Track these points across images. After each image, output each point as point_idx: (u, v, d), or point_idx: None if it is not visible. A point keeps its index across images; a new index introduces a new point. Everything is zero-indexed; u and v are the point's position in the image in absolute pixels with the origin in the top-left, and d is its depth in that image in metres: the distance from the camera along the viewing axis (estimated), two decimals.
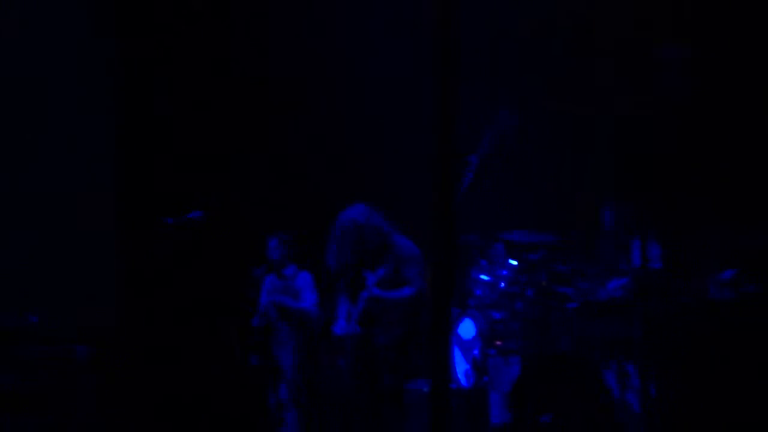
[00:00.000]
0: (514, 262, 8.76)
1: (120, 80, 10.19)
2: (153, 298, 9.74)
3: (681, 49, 7.31)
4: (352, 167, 10.24)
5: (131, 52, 10.23)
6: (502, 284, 8.78)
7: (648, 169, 7.54)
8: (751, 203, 7.60)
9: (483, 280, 8.91)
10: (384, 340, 7.57)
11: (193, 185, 9.73)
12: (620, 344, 7.33)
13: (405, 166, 9.67)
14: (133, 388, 9.22)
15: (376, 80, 9.98)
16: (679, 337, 6.65)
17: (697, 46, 7.58)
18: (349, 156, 10.31)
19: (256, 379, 8.75)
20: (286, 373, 8.44)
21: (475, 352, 8.61)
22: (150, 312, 9.75)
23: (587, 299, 7.84)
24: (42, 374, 8.22)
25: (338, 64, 10.21)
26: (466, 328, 8.79)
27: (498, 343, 8.53)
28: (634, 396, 7.19)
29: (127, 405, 9.01)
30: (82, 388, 8.30)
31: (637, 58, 8.28)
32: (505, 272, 8.79)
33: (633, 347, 7.17)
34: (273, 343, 8.56)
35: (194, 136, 10.19)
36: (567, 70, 9.37)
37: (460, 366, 8.77)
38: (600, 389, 7.02)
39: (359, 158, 10.29)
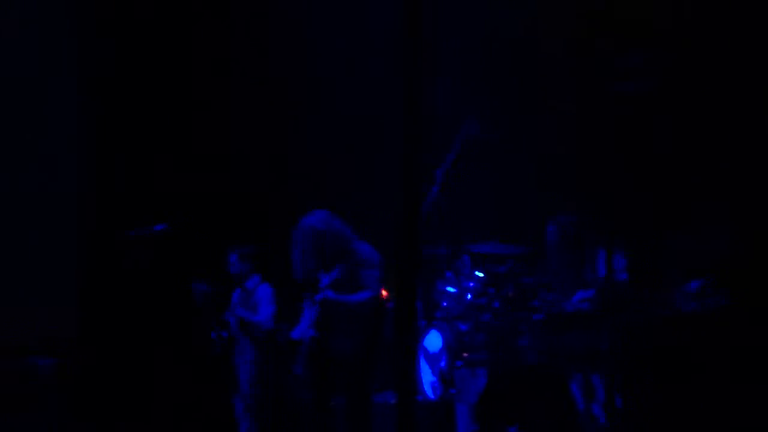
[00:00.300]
0: (481, 274, 8.76)
1: (83, 88, 10.11)
2: (115, 309, 9.68)
3: (636, 57, 7.33)
4: (318, 178, 10.22)
5: (90, 63, 10.16)
6: (469, 296, 8.78)
7: (611, 179, 7.55)
8: (714, 210, 7.63)
9: (449, 291, 8.90)
10: (340, 346, 7.54)
11: (157, 197, 9.67)
12: (586, 356, 7.32)
13: (370, 178, 9.68)
14: (95, 399, 9.15)
15: (343, 90, 9.97)
16: (646, 349, 6.65)
17: (651, 53, 7.61)
18: (315, 167, 10.29)
19: (216, 391, 8.73)
20: (242, 384, 8.46)
21: (442, 364, 8.60)
22: (112, 323, 9.68)
23: (553, 311, 7.83)
24: (5, 387, 8.17)
25: (308, 75, 10.20)
26: (433, 340, 8.78)
27: (465, 355, 8.52)
28: (599, 408, 7.19)
29: (90, 416, 8.94)
30: (45, 400, 8.25)
31: (594, 67, 8.31)
32: (471, 284, 8.79)
33: (599, 359, 7.16)
34: (234, 355, 8.57)
35: (157, 148, 10.13)
36: (528, 82, 9.40)
37: (427, 378, 8.76)
38: (566, 401, 7.02)
39: (324, 169, 10.27)
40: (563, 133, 9.11)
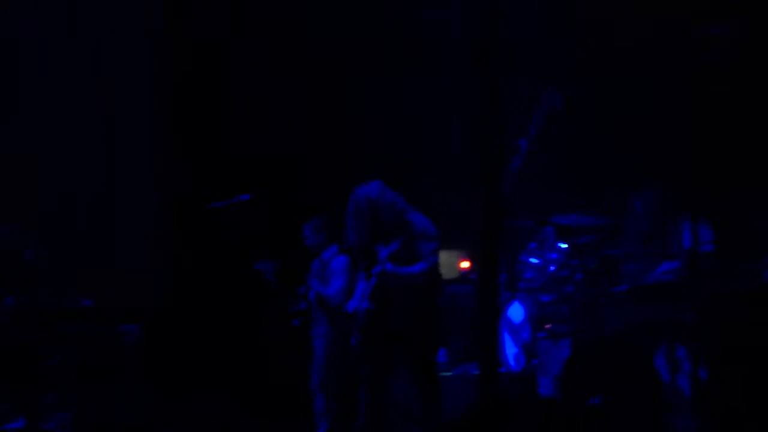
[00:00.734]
0: (564, 246, 8.74)
1: (164, 63, 10.27)
2: (200, 279, 9.82)
3: (722, 28, 7.23)
4: (391, 150, 10.25)
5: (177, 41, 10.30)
6: (552, 267, 8.77)
7: (697, 151, 7.47)
8: None
9: (533, 263, 8.90)
10: (396, 319, 7.49)
11: (237, 172, 9.77)
12: (671, 327, 7.29)
13: (448, 148, 9.69)
14: (176, 368, 9.30)
15: (425, 57, 9.99)
16: (731, 321, 6.59)
17: (739, 24, 7.50)
18: (390, 140, 10.33)
19: (294, 364, 8.76)
20: (317, 358, 8.43)
21: (525, 335, 8.61)
22: (197, 293, 9.83)
23: (637, 283, 7.79)
24: (96, 350, 8.36)
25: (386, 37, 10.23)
26: (516, 312, 8.79)
27: (547, 326, 8.52)
28: (684, 379, 7.15)
29: (169, 384, 9.09)
30: (131, 363, 8.42)
31: (678, 38, 8.21)
32: (554, 255, 8.78)
33: (683, 331, 7.12)
34: (311, 328, 8.54)
35: (236, 117, 10.25)
36: (610, 51, 9.33)
37: (510, 349, 8.78)
38: (650, 372, 6.99)
39: (401, 140, 10.31)
40: (645, 104, 9.03)
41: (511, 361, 8.72)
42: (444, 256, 11.19)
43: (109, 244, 9.83)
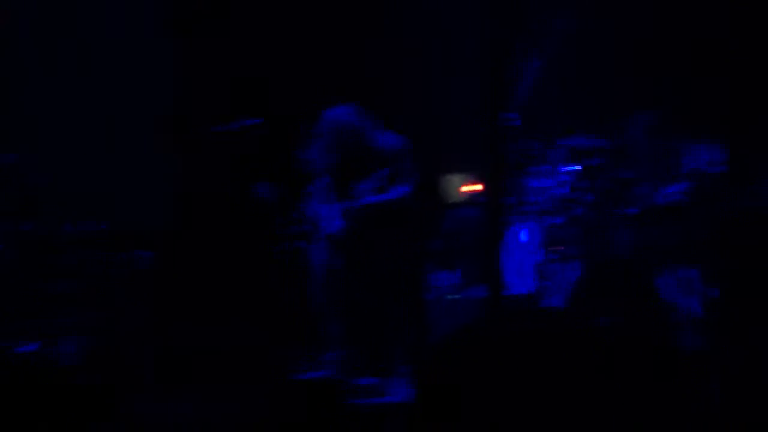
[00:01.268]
0: (574, 168, 8.70)
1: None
2: (207, 204, 9.82)
3: None
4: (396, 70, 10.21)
5: None
6: (561, 190, 8.73)
7: (708, 70, 7.41)
8: None
9: (542, 186, 8.86)
10: (382, 240, 7.50)
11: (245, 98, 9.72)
12: (682, 249, 7.28)
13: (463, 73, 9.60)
14: (182, 294, 9.32)
15: None
16: (741, 240, 6.58)
17: None
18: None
19: (296, 283, 8.71)
20: (317, 279, 8.41)
21: (535, 257, 8.60)
22: (204, 217, 9.83)
23: (647, 204, 7.77)
24: (110, 275, 8.40)
25: None
26: (526, 234, 8.76)
27: (558, 248, 8.51)
28: (695, 300, 7.15)
29: (178, 303, 9.13)
30: (143, 287, 8.46)
31: None
32: (564, 178, 8.74)
33: (694, 252, 7.11)
34: (312, 250, 8.49)
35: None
36: None
37: (520, 272, 8.77)
38: (660, 294, 6.99)
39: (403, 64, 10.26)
40: (661, 23, 8.94)
41: (521, 284, 8.71)
42: (452, 179, 11.23)
43: (115, 168, 9.83)
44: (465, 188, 11.10)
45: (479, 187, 10.90)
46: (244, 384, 7.27)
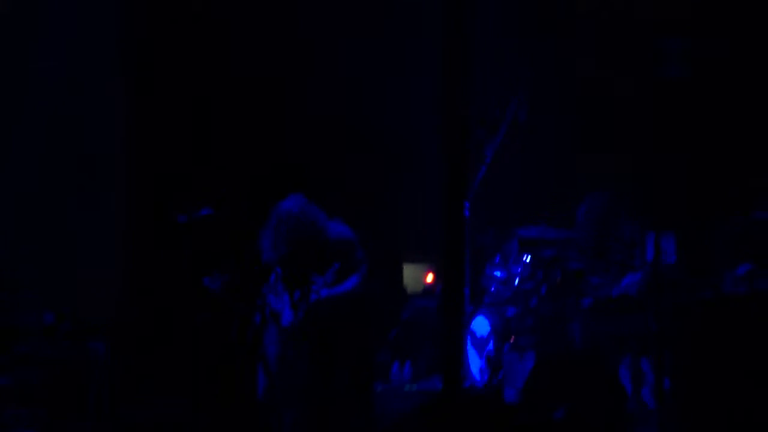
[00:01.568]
0: (529, 259, 8.76)
1: (128, 80, 10.20)
2: (161, 295, 9.76)
3: (681, 41, 7.30)
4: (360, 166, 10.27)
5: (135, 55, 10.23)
6: (517, 281, 8.78)
7: (659, 163, 7.53)
8: (762, 194, 7.59)
9: (497, 276, 8.91)
10: (331, 328, 7.56)
11: (196, 186, 9.71)
12: (635, 340, 7.32)
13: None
14: (141, 380, 9.24)
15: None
16: (693, 332, 6.63)
17: (696, 37, 7.59)
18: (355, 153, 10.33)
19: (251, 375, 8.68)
20: (270, 369, 8.38)
21: (490, 348, 8.62)
22: (158, 308, 9.77)
23: (601, 295, 7.83)
24: (59, 369, 8.29)
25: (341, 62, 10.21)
26: (481, 325, 8.79)
27: (512, 339, 8.53)
28: (648, 391, 7.19)
29: (136, 395, 9.03)
30: (97, 380, 8.36)
31: (639, 50, 8.28)
32: (519, 269, 8.80)
33: (647, 342, 7.16)
34: (265, 341, 8.46)
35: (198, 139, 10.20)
36: (573, 64, 9.39)
37: (475, 362, 8.78)
38: (614, 385, 7.01)
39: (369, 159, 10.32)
40: (609, 115, 9.09)
41: (476, 375, 8.71)
42: (410, 270, 11.28)
43: (68, 256, 9.75)
44: (424, 278, 11.15)
45: (433, 276, 10.95)
46: None
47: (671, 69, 7.33)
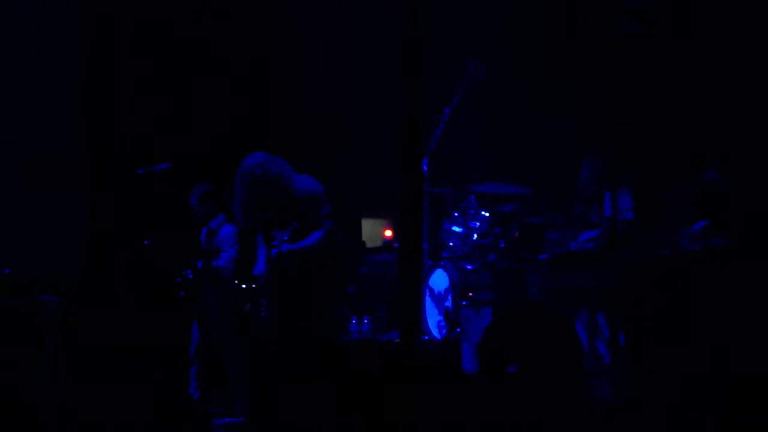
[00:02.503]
0: (487, 214, 8.79)
1: (85, 40, 10.13)
2: (116, 251, 9.73)
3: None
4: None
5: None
6: (475, 236, 8.82)
7: (617, 120, 7.54)
8: (719, 152, 7.63)
9: (455, 231, 8.94)
10: (301, 287, 7.59)
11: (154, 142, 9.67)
12: (591, 295, 7.37)
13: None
14: (91, 333, 9.23)
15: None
16: (649, 288, 6.69)
17: None
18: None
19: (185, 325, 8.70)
20: (209, 324, 8.41)
21: (448, 303, 8.66)
22: (113, 265, 9.74)
23: (558, 251, 7.87)
24: (10, 321, 8.27)
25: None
26: (439, 280, 8.83)
27: (470, 294, 8.58)
28: (604, 346, 7.25)
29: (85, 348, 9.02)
30: (50, 335, 8.34)
31: (602, 8, 8.30)
32: (477, 224, 8.83)
33: (604, 298, 7.21)
34: (199, 293, 8.45)
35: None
36: (533, 23, 9.40)
37: (433, 317, 8.82)
38: (570, 339, 7.06)
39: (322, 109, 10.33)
40: (566, 70, 9.11)
41: (434, 330, 8.76)
42: (369, 225, 11.30)
43: (26, 211, 9.69)
44: (382, 233, 11.18)
45: (392, 232, 10.99)
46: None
47: (630, 26, 7.34)
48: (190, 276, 8.27)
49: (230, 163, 7.75)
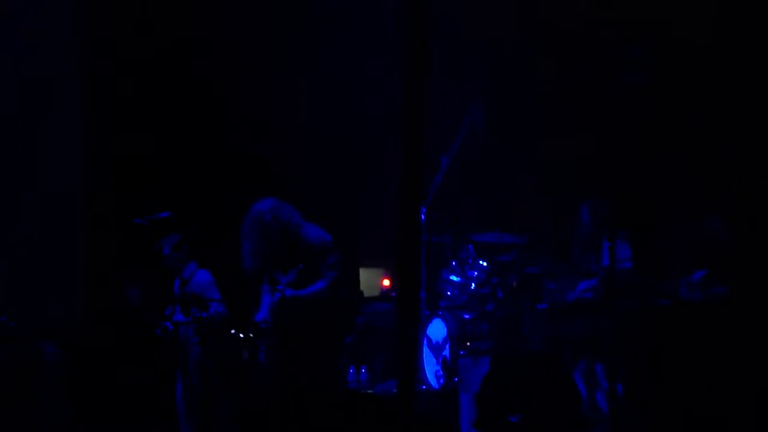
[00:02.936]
0: (485, 263, 8.78)
1: (87, 87, 10.16)
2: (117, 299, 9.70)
3: (640, 49, 7.35)
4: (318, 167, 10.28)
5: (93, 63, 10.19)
6: (473, 285, 8.80)
7: (615, 169, 7.56)
8: (717, 201, 7.64)
9: (453, 281, 8.93)
10: (302, 335, 7.55)
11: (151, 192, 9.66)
12: (589, 345, 7.35)
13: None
14: (91, 380, 9.19)
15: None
16: (647, 338, 6.66)
17: (656, 45, 7.65)
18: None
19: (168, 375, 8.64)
20: (191, 374, 8.32)
21: (445, 353, 8.62)
22: (114, 313, 9.71)
23: (557, 300, 7.85)
24: (12, 370, 8.23)
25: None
26: (437, 329, 8.80)
27: (468, 344, 8.54)
28: (602, 396, 7.21)
29: (86, 395, 8.98)
30: (50, 382, 8.30)
31: (601, 57, 8.33)
32: (475, 273, 8.81)
33: (602, 347, 7.18)
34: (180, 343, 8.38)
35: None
36: (533, 71, 9.42)
37: (430, 367, 8.78)
38: (569, 389, 7.04)
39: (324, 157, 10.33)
40: (563, 120, 9.13)
41: (432, 379, 8.72)
42: (366, 274, 11.28)
43: (25, 258, 9.67)
44: (380, 282, 11.16)
45: (390, 281, 10.97)
46: None
47: (632, 76, 7.37)
48: (170, 327, 8.18)
49: (235, 206, 7.76)
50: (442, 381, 8.55)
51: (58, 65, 10.10)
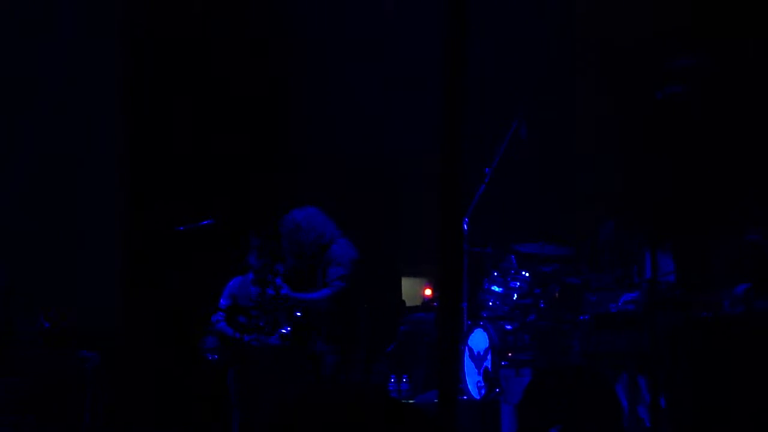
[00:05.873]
0: (527, 274, 8.77)
1: (128, 89, 10.24)
2: (155, 304, 9.75)
3: (684, 60, 7.33)
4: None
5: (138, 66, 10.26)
6: (515, 296, 8.79)
7: (659, 181, 7.54)
8: (761, 213, 7.59)
9: (495, 291, 8.92)
10: (312, 339, 7.61)
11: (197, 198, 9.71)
12: (631, 357, 7.32)
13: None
14: (133, 386, 9.25)
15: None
16: (690, 351, 6.63)
17: (698, 56, 7.62)
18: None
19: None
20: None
21: (487, 363, 8.62)
22: (152, 318, 9.77)
23: (599, 312, 7.83)
24: (51, 376, 8.30)
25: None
26: (478, 340, 8.79)
27: (510, 354, 8.53)
28: (644, 409, 7.18)
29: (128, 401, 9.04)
30: (92, 389, 8.36)
31: (643, 70, 8.31)
32: (517, 284, 8.81)
33: (644, 360, 7.16)
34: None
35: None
36: (574, 85, 9.42)
37: (472, 378, 8.77)
38: (611, 402, 7.01)
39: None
40: (610, 133, 9.11)
41: (473, 390, 8.71)
42: (408, 283, 11.29)
43: (68, 266, 9.76)
44: (422, 292, 11.16)
45: (434, 291, 10.97)
46: None
47: (671, 88, 7.34)
48: (237, 336, 8.04)
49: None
50: (483, 392, 8.54)
51: (98, 66, 10.19)
